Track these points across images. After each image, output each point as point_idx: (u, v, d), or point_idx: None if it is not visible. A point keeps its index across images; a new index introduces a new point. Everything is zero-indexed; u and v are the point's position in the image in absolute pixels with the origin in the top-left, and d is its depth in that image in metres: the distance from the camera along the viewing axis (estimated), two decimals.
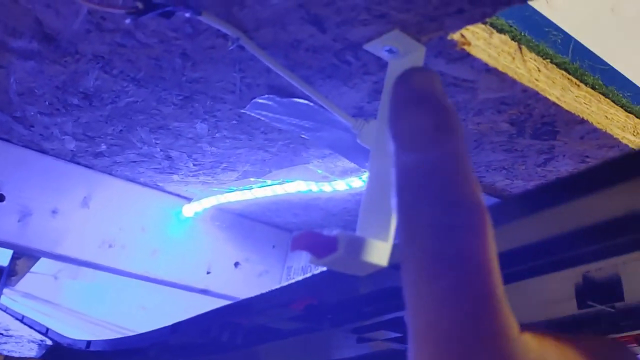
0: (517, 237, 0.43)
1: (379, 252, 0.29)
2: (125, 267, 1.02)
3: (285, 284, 0.50)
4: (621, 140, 0.53)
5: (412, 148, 0.20)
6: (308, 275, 0.47)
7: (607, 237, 0.42)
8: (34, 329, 1.11)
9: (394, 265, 0.30)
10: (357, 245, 0.28)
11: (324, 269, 0.44)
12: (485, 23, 0.45)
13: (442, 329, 0.16)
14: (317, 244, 0.34)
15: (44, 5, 0.48)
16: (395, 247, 0.30)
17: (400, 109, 0.21)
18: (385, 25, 0.40)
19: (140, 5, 0.40)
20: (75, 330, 1.27)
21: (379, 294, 0.51)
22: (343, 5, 0.39)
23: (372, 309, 0.53)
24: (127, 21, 0.39)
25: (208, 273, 1.12)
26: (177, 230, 1.08)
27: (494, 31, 0.44)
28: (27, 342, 0.97)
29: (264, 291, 0.52)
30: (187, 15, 0.41)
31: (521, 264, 0.48)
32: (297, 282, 0.49)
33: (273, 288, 0.51)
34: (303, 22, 0.42)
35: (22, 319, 1.32)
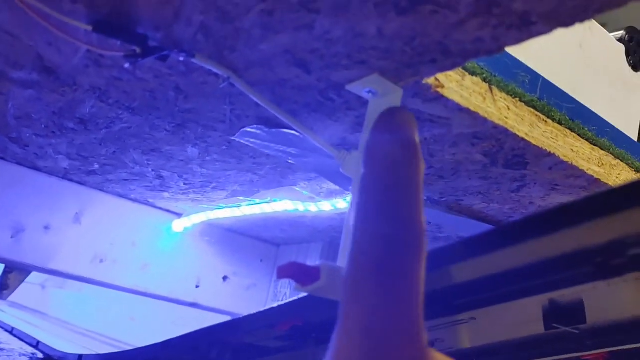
0: (494, 266, 0.47)
1: None
2: (117, 281, 1.05)
3: (272, 305, 0.53)
4: (586, 171, 0.56)
5: (379, 171, 0.23)
6: (294, 298, 0.50)
7: (572, 268, 0.46)
8: (25, 342, 1.13)
9: None
10: (338, 275, 0.32)
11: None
12: None
13: (368, 321, 0.19)
14: (301, 273, 0.37)
15: (46, 43, 0.51)
16: None
17: (377, 139, 0.25)
18: (365, 70, 0.43)
19: (137, 49, 0.43)
20: (64, 342, 1.29)
21: None
22: (326, 52, 0.42)
23: None
24: (126, 65, 0.42)
25: (197, 287, 1.14)
26: (167, 245, 1.11)
27: (466, 74, 0.48)
28: (19, 355, 0.99)
29: (251, 305, 0.55)
30: (181, 58, 0.44)
31: (496, 290, 0.52)
32: (283, 305, 0.52)
33: (260, 309, 0.54)
34: (289, 65, 0.45)
35: (11, 331, 1.33)
